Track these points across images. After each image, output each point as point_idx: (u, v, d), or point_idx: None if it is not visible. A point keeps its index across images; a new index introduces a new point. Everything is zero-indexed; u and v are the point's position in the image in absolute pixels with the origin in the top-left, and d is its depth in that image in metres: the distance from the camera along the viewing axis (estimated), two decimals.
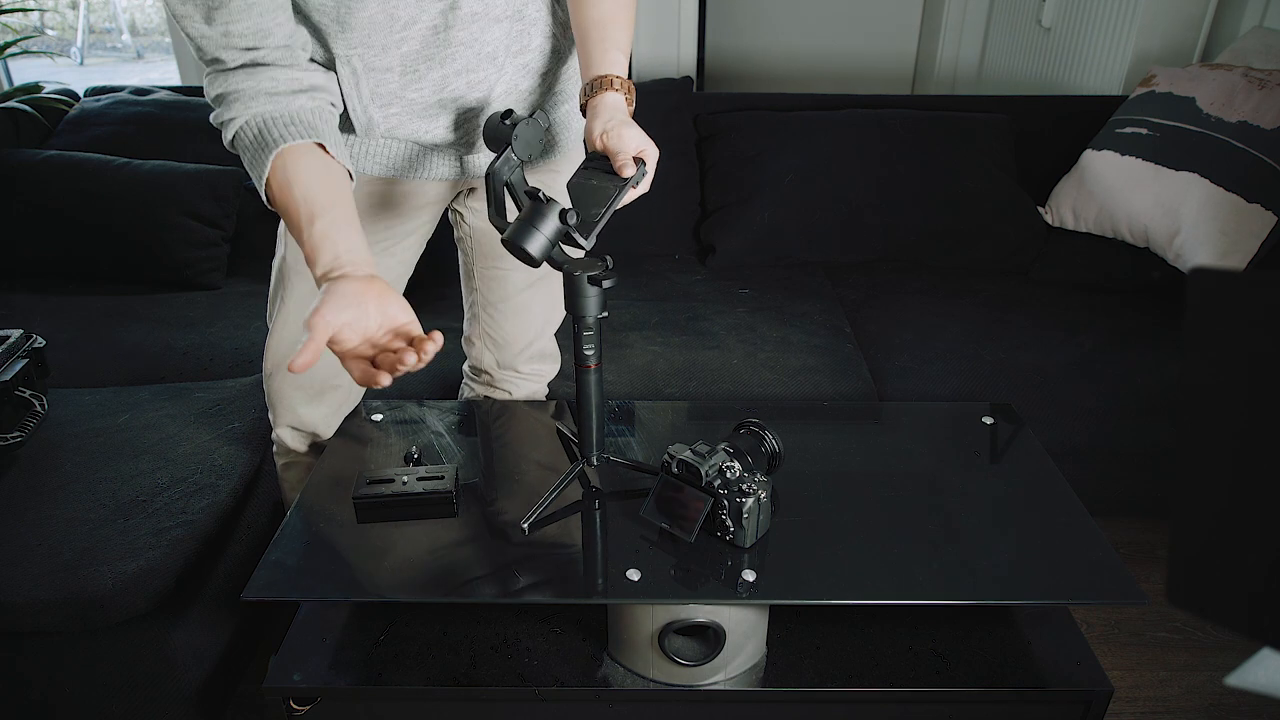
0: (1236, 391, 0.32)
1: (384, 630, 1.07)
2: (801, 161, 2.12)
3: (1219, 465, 0.33)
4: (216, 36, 0.91)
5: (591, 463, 1.10)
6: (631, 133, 0.93)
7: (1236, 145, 1.84)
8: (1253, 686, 0.36)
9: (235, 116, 0.94)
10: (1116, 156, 2.01)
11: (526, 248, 0.92)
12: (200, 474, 1.31)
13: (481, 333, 1.38)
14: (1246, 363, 0.31)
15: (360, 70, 1.03)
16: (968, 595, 0.94)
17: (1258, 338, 0.31)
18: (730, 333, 1.82)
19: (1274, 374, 0.31)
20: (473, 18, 1.02)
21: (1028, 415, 1.57)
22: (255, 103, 0.94)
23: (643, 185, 0.96)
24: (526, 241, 0.92)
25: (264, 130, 0.93)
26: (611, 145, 0.93)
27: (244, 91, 0.93)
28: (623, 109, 0.96)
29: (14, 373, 1.36)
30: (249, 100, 0.94)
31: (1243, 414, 0.32)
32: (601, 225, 0.93)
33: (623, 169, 0.92)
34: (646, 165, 0.95)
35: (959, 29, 3.37)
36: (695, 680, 1.00)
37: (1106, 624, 1.66)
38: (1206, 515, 0.33)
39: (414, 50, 1.03)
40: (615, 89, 0.96)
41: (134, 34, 7.08)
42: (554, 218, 0.92)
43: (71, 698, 1.21)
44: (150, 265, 1.97)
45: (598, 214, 0.92)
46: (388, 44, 1.01)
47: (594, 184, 0.94)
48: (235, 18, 0.90)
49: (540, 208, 0.92)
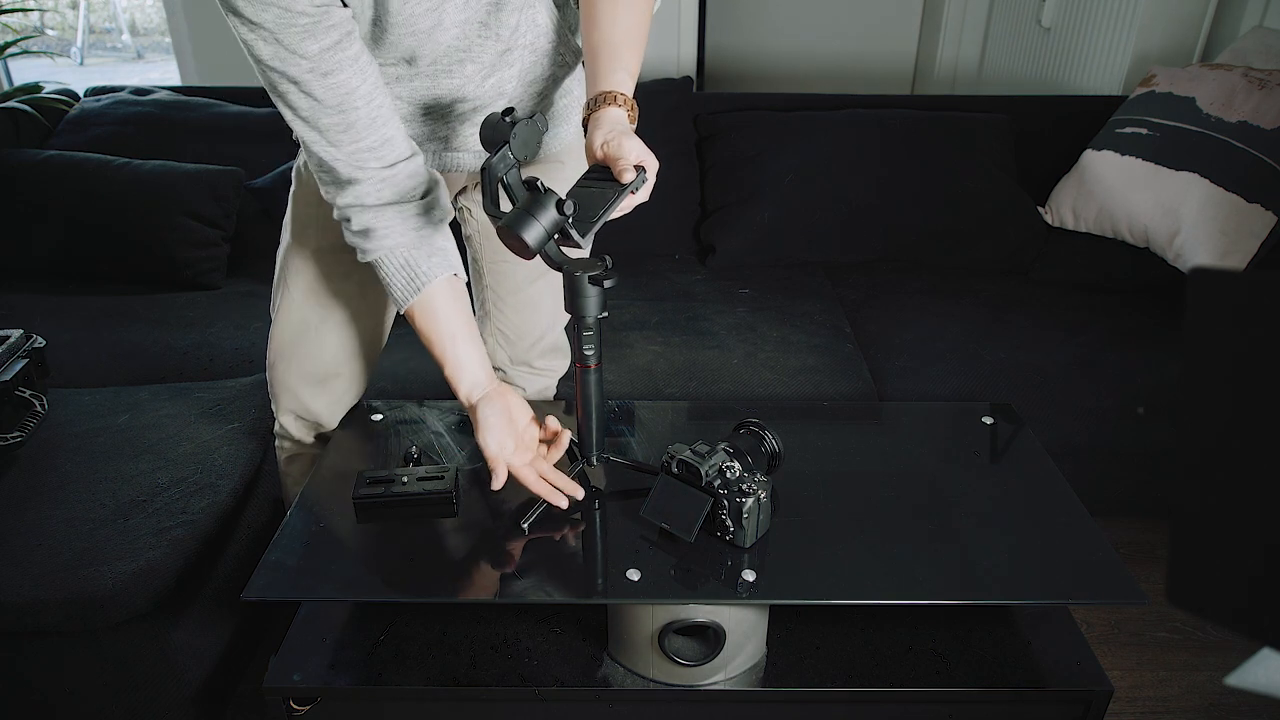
0: (1236, 391, 0.32)
1: (384, 630, 1.07)
2: (801, 161, 2.12)
3: (1219, 465, 0.33)
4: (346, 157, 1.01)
5: (591, 463, 1.10)
6: (632, 143, 0.94)
7: (1236, 145, 1.84)
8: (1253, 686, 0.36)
9: (376, 248, 1.06)
10: (1116, 156, 2.01)
11: (523, 236, 0.90)
12: (200, 474, 1.31)
13: (493, 329, 1.38)
14: (1246, 363, 0.31)
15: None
16: (968, 595, 0.94)
17: (1258, 338, 0.31)
18: (730, 333, 1.82)
19: (1274, 374, 0.31)
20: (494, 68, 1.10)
21: (1028, 415, 1.57)
22: (394, 235, 1.06)
23: (642, 194, 0.96)
24: (523, 230, 0.90)
25: (410, 265, 1.07)
26: (612, 153, 0.94)
27: (384, 229, 1.05)
28: (624, 123, 0.98)
29: (14, 373, 1.36)
30: (387, 234, 1.05)
31: (1243, 414, 0.32)
32: (598, 226, 0.92)
33: (622, 174, 0.92)
34: (647, 173, 0.95)
35: (959, 29, 3.37)
36: (695, 680, 1.00)
37: (1106, 624, 1.66)
38: (1206, 515, 0.33)
39: (426, 92, 1.11)
40: (618, 104, 0.98)
41: (134, 34, 7.08)
42: (551, 208, 0.90)
43: (71, 698, 1.21)
44: (150, 265, 1.97)
45: (596, 214, 0.92)
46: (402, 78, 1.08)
47: (594, 190, 0.94)
48: (362, 135, 1.00)
49: (538, 197, 0.91)
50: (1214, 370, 0.32)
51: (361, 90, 0.97)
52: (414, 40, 1.00)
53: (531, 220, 0.90)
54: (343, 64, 0.94)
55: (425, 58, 1.05)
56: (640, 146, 0.94)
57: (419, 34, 1.00)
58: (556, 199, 0.90)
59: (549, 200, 0.90)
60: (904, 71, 3.78)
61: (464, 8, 1.00)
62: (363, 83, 0.97)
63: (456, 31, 1.03)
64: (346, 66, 0.95)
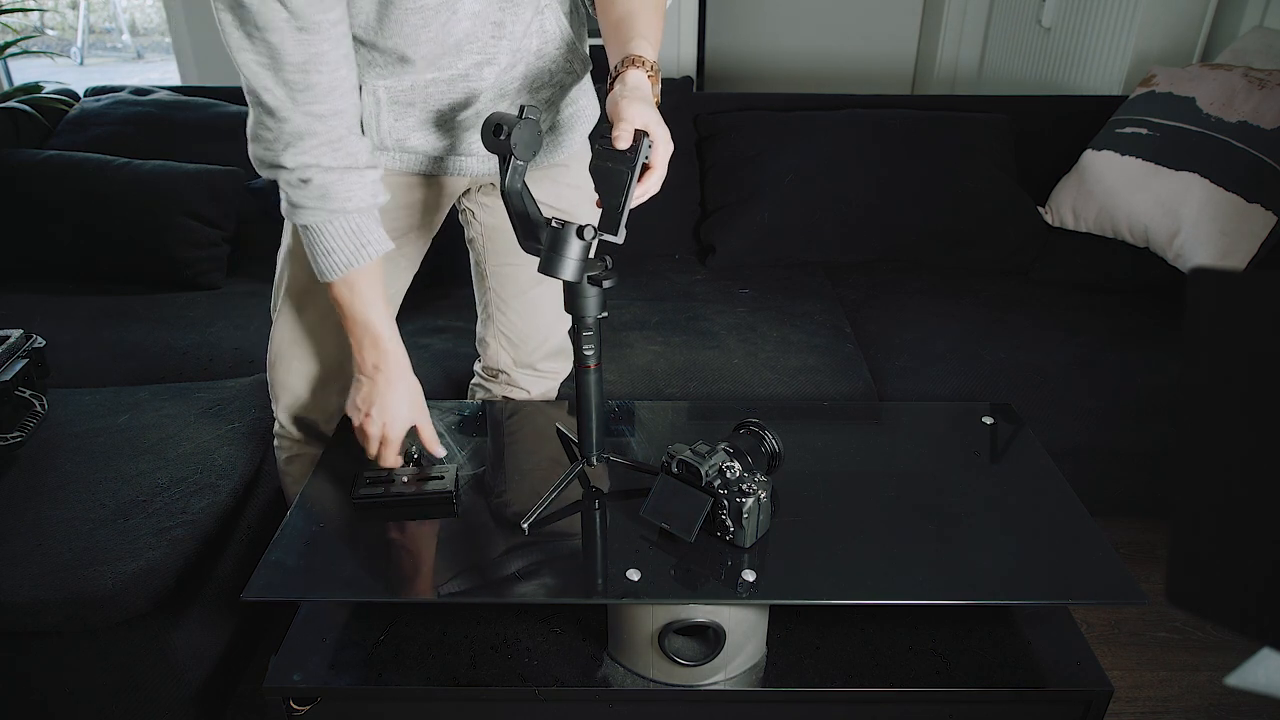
0: (1236, 391, 0.32)
1: (384, 630, 1.07)
2: (801, 161, 2.12)
3: (1219, 465, 0.33)
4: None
5: (591, 463, 1.10)
6: (636, 108, 0.92)
7: (1236, 145, 1.84)
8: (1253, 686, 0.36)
9: (333, 209, 1.03)
10: (1116, 156, 2.01)
11: (562, 276, 0.95)
12: (200, 474, 1.31)
13: (496, 332, 1.38)
14: (1246, 363, 0.31)
15: (384, 100, 1.10)
16: (968, 595, 0.94)
17: (1258, 338, 0.31)
18: (730, 333, 1.82)
19: (1274, 374, 0.31)
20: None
21: (1028, 415, 1.57)
22: (355, 199, 1.03)
23: (652, 185, 0.95)
24: (559, 271, 0.94)
25: (360, 232, 1.04)
26: (615, 114, 0.92)
27: (345, 194, 1.02)
28: (644, 87, 0.95)
29: (14, 373, 1.36)
30: (349, 198, 1.03)
31: (1243, 414, 0.32)
32: (625, 217, 0.93)
33: (616, 139, 0.92)
34: (652, 142, 0.93)
35: (959, 29, 3.37)
36: (695, 680, 1.00)
37: (1106, 624, 1.66)
38: (1206, 515, 0.33)
39: (441, 92, 1.10)
40: (638, 66, 0.96)
41: (134, 34, 7.08)
42: (574, 240, 0.94)
43: (71, 698, 1.21)
44: (150, 265, 1.97)
45: (619, 203, 0.93)
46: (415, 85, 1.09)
47: (609, 167, 0.94)
48: (319, 99, 0.96)
49: (558, 234, 0.94)
50: (1214, 370, 0.32)
51: (330, 57, 0.94)
52: (419, 18, 0.99)
53: (562, 259, 0.94)
54: (322, 26, 0.92)
55: (426, 55, 1.04)
56: (644, 112, 0.92)
57: (426, 10, 0.98)
58: (575, 228, 0.94)
59: (569, 232, 0.94)
60: (904, 71, 3.78)
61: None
62: (333, 49, 0.94)
63: (469, 25, 1.03)
64: (325, 30, 0.92)
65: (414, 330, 1.80)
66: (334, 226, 1.03)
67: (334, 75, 0.96)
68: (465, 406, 1.33)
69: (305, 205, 1.02)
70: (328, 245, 1.04)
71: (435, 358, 1.71)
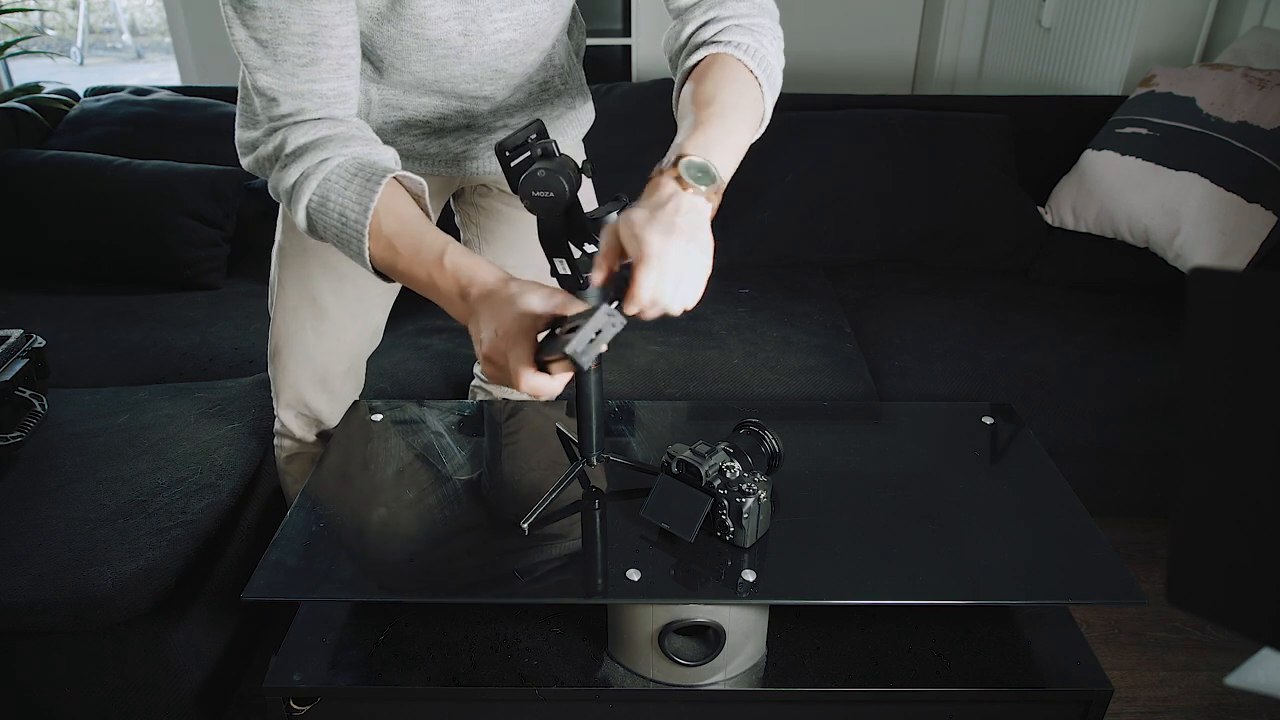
0: (1236, 391, 0.32)
1: (384, 630, 1.07)
2: (801, 161, 2.12)
3: (1219, 465, 0.33)
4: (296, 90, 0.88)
5: (591, 463, 1.10)
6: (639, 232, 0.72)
7: (1236, 145, 1.84)
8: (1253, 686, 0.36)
9: (330, 156, 0.89)
10: (1116, 156, 2.01)
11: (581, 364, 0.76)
12: (200, 474, 1.31)
13: None
14: (1246, 363, 0.31)
15: (375, 101, 1.08)
16: (968, 595, 0.94)
17: (1258, 338, 0.31)
18: (730, 333, 1.82)
19: (1274, 374, 0.31)
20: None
21: (1028, 415, 1.57)
22: (353, 146, 0.90)
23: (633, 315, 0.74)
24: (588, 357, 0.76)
25: (365, 165, 0.89)
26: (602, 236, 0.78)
27: (336, 137, 0.90)
28: (668, 200, 0.76)
29: (14, 373, 1.36)
30: (343, 144, 0.90)
31: (1243, 414, 0.32)
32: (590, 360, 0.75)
33: (591, 278, 0.79)
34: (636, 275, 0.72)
35: (959, 29, 3.37)
36: (695, 680, 1.00)
37: (1106, 624, 1.66)
38: (1206, 515, 0.33)
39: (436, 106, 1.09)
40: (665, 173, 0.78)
41: (134, 34, 7.08)
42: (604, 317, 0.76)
43: (71, 698, 1.21)
44: (150, 265, 1.97)
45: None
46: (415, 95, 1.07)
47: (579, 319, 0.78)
48: (323, 77, 0.88)
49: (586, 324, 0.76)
50: (1214, 370, 0.32)
51: (340, 32, 0.88)
52: (415, 41, 0.98)
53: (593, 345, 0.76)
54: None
55: (420, 75, 1.04)
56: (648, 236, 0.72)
57: (423, 40, 0.97)
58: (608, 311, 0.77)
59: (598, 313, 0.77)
60: (904, 71, 3.77)
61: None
62: (343, 24, 0.88)
63: (468, 69, 1.02)
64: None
65: (414, 330, 1.80)
66: (334, 179, 0.88)
67: (342, 52, 0.89)
68: (465, 407, 1.33)
69: (302, 180, 0.89)
70: (340, 204, 0.87)
71: (435, 358, 1.71)
